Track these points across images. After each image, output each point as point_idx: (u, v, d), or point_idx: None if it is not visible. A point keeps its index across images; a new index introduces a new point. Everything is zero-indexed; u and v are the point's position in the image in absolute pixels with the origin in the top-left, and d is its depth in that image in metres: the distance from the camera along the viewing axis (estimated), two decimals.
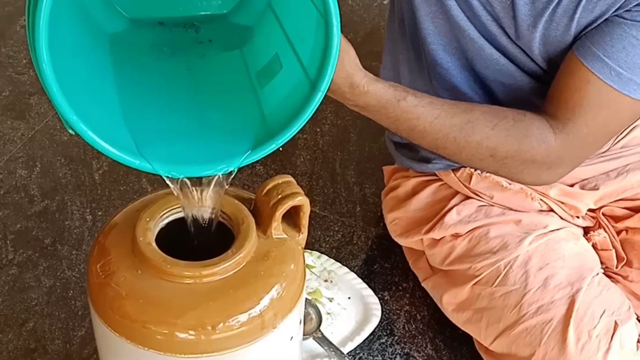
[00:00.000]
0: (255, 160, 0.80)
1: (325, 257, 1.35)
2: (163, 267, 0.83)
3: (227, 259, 0.84)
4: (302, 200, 0.89)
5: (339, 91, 0.94)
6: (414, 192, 1.27)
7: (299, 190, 0.90)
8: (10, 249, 1.37)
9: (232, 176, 0.82)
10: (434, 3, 1.06)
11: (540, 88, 1.08)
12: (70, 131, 0.73)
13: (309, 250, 1.35)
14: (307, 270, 1.32)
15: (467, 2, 1.03)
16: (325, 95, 0.78)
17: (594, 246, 1.20)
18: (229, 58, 0.92)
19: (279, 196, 0.89)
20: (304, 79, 0.79)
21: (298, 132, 0.78)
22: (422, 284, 1.29)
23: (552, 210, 1.20)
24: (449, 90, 1.12)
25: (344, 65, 0.92)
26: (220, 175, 0.81)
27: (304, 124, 0.78)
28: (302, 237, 0.93)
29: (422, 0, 1.07)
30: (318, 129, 1.66)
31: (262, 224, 0.90)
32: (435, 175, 1.26)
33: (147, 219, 0.87)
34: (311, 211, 0.91)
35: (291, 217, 0.92)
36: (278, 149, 0.79)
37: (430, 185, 1.26)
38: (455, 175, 1.21)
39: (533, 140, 1.01)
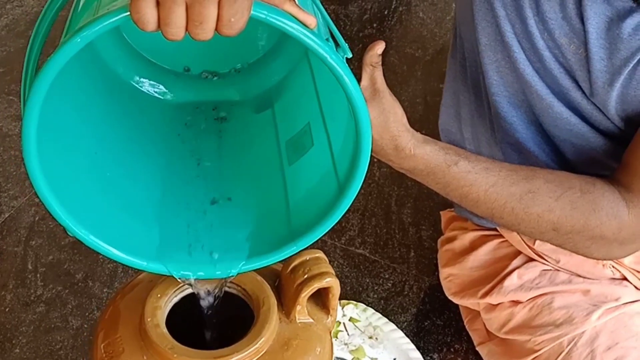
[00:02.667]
0: (273, 262, 0.73)
1: (371, 310, 1.25)
2: (170, 356, 0.74)
3: (242, 349, 0.75)
4: (331, 281, 0.80)
5: (382, 152, 0.85)
6: (472, 247, 1.17)
7: (329, 269, 0.80)
8: (40, 283, 1.32)
9: None
10: (500, 50, 0.94)
11: (615, 149, 0.97)
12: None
13: (354, 302, 1.25)
14: (351, 324, 1.24)
15: (537, 52, 0.91)
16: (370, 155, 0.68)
17: None
18: (260, 121, 0.84)
19: (305, 276, 0.80)
20: (332, 173, 0.71)
21: None
22: (477, 348, 1.20)
23: (625, 279, 1.09)
24: (512, 144, 1.01)
25: (389, 126, 0.82)
26: None
27: (330, 228, 0.71)
28: (331, 320, 0.83)
29: (487, 45, 0.95)
30: (374, 159, 1.54)
31: (286, 306, 0.80)
32: (496, 230, 1.15)
33: (159, 295, 0.79)
34: (361, 254, 0.82)
35: (320, 297, 0.82)
36: None
37: (490, 241, 1.16)
38: (518, 233, 1.09)
39: (603, 215, 0.89)
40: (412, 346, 1.22)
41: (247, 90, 0.87)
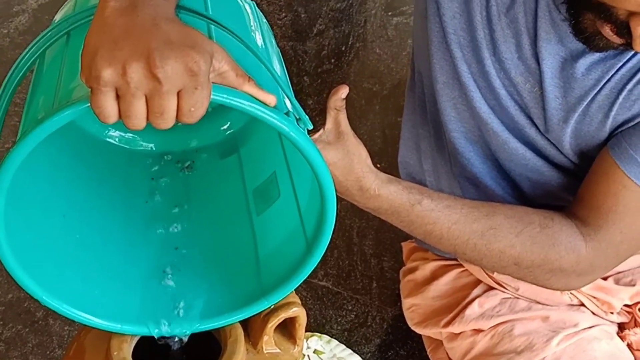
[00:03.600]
0: (243, 318, 0.75)
1: (335, 342, 1.25)
2: None
3: None
4: (297, 311, 0.80)
5: (347, 193, 0.86)
6: (433, 277, 1.18)
7: (295, 299, 0.81)
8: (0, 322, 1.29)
9: None
10: (457, 89, 0.96)
11: (570, 183, 0.99)
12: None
13: (319, 334, 1.25)
14: (316, 356, 1.24)
15: (493, 91, 0.93)
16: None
17: (629, 346, 1.09)
18: (227, 167, 0.85)
19: (272, 306, 0.79)
20: (300, 230, 0.73)
21: None
22: None
23: (583, 304, 1.10)
24: (469, 179, 1.03)
25: (353, 168, 0.84)
26: None
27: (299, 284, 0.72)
28: (298, 349, 0.83)
29: (445, 84, 0.97)
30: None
31: (253, 336, 0.81)
32: (456, 260, 1.15)
33: None
34: (324, 286, 0.82)
35: (286, 327, 0.82)
36: None
37: (450, 271, 1.16)
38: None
39: (562, 249, 0.91)
40: None
41: (213, 135, 0.88)
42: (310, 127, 0.68)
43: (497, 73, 0.93)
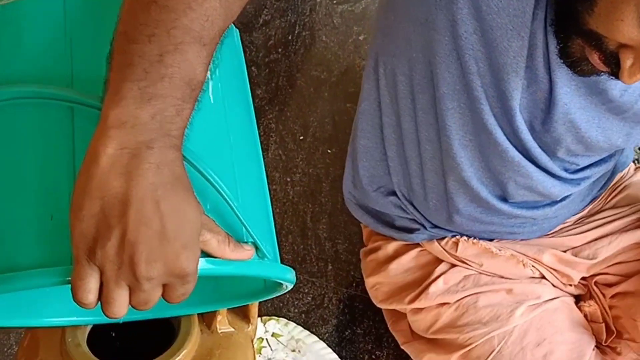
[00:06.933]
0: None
1: (293, 324, 1.26)
2: None
3: None
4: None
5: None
6: (396, 255, 1.18)
7: None
8: None
9: None
10: (464, 99, 0.93)
11: (553, 183, 1.02)
12: None
13: (276, 318, 1.26)
14: (274, 339, 1.25)
15: (504, 104, 0.92)
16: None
17: (585, 317, 1.13)
18: None
19: None
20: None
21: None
22: (402, 347, 1.20)
23: (544, 277, 1.13)
24: (458, 181, 1.03)
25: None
26: None
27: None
28: (252, 328, 0.85)
29: (446, 94, 0.93)
30: (288, 179, 1.57)
31: (207, 317, 0.81)
32: (419, 245, 1.17)
33: None
34: None
35: (240, 307, 0.83)
36: None
37: (412, 250, 1.17)
38: (440, 244, 1.13)
39: None
40: (335, 356, 1.24)
41: None
42: (272, 257, 0.67)
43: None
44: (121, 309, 0.56)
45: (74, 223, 0.54)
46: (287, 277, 0.67)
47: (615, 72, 0.75)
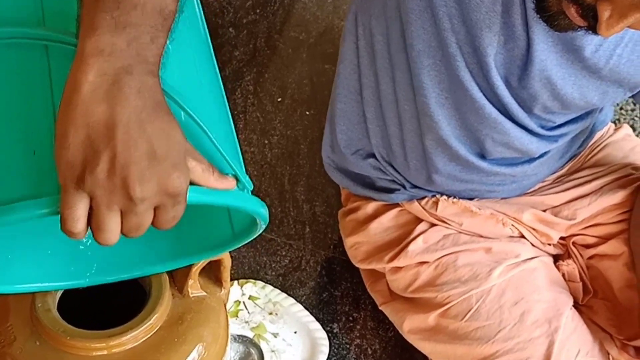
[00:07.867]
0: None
1: (270, 287, 1.26)
2: (63, 339, 0.74)
3: (136, 326, 0.76)
4: (220, 254, 0.80)
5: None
6: (375, 214, 1.18)
7: None
8: None
9: None
10: (439, 56, 0.93)
11: (530, 139, 1.02)
12: None
13: (253, 280, 1.26)
14: (251, 302, 1.25)
15: (479, 59, 0.92)
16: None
17: (562, 276, 1.13)
18: None
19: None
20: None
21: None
22: (380, 307, 1.21)
23: (523, 236, 1.13)
24: (435, 140, 1.03)
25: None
26: None
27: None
28: (224, 292, 0.84)
29: (422, 52, 0.93)
30: (266, 141, 1.56)
31: (179, 281, 0.81)
32: (399, 205, 1.17)
33: None
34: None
35: (212, 270, 0.83)
36: None
37: (393, 209, 1.17)
38: (420, 204, 1.13)
39: None
40: (312, 318, 1.24)
41: None
42: (251, 188, 0.68)
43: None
44: (113, 235, 0.56)
45: (60, 152, 0.54)
46: (263, 213, 0.68)
47: (592, 25, 0.74)
